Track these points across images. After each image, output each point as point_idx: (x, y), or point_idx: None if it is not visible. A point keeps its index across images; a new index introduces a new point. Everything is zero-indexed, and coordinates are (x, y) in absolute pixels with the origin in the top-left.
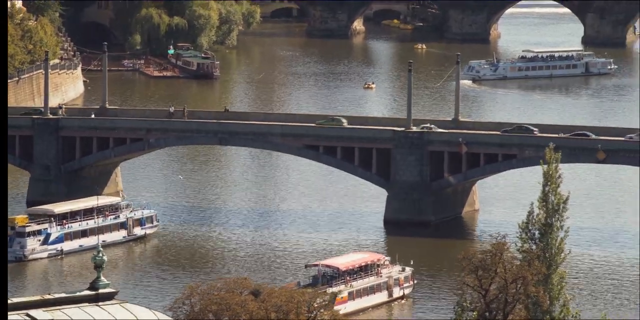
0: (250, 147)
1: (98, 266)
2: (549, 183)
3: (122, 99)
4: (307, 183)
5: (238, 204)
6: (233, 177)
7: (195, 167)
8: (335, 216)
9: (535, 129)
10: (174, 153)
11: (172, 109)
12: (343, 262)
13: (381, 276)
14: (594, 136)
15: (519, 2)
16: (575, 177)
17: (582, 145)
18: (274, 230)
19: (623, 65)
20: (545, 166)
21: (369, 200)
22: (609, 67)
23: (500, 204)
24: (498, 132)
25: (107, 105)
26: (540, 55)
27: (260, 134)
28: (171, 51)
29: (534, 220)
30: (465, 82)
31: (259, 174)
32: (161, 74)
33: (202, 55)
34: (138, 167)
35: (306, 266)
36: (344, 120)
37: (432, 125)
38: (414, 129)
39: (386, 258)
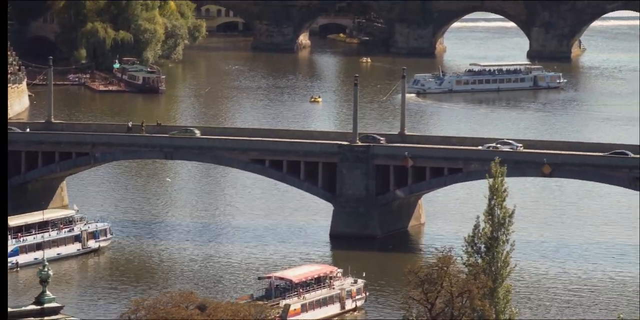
0: (196, 162)
1: (43, 281)
2: (494, 197)
3: (67, 114)
4: (253, 197)
5: (185, 218)
6: (180, 191)
7: (141, 181)
8: (282, 230)
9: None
10: (120, 167)
11: (130, 124)
12: (296, 274)
13: (334, 288)
14: (631, 155)
15: (465, 17)
16: (521, 190)
17: (527, 159)
18: (221, 244)
19: (570, 79)
20: (491, 180)
21: (315, 214)
22: (558, 81)
23: (446, 217)
24: (444, 146)
25: (52, 120)
26: (487, 68)
27: (206, 148)
28: (117, 65)
29: (479, 234)
30: (410, 96)
31: (206, 188)
32: (107, 89)
33: (148, 69)
34: (84, 182)
35: (259, 278)
36: (197, 132)
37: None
38: (359, 142)
39: (338, 270)
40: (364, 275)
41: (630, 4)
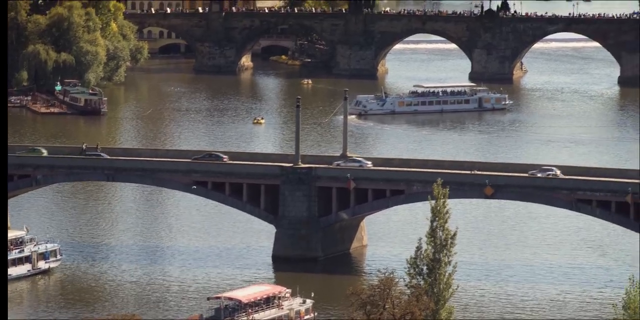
0: (139, 184)
1: None
2: (437, 218)
3: (9, 136)
4: (196, 219)
5: (128, 240)
6: (124, 213)
7: (84, 203)
8: (225, 252)
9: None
10: (63, 189)
11: (84, 146)
12: (245, 294)
13: (282, 308)
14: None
15: (407, 38)
16: (464, 212)
17: (469, 181)
18: (164, 266)
19: (512, 100)
20: (433, 202)
21: (257, 236)
22: (504, 102)
23: (388, 239)
24: (386, 168)
25: None
26: (431, 90)
27: (148, 170)
28: (58, 87)
29: (422, 256)
30: (352, 117)
31: (150, 210)
32: (48, 111)
33: (90, 91)
34: (26, 204)
35: (208, 299)
36: (44, 151)
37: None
38: (302, 164)
39: (287, 290)
40: (312, 295)
41: (571, 26)
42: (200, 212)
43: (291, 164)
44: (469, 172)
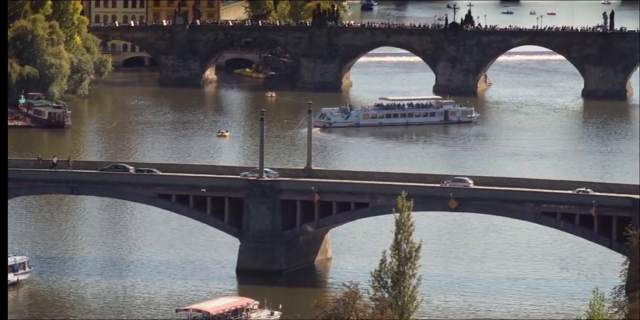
0: (103, 197)
1: None
2: (401, 231)
3: None
4: (160, 232)
5: (95, 252)
6: (88, 225)
7: (50, 216)
8: (189, 265)
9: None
10: (28, 202)
11: (55, 160)
12: (213, 306)
13: None
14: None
15: (371, 51)
16: (428, 225)
17: (434, 194)
18: (130, 278)
19: (478, 113)
20: (398, 215)
21: (221, 249)
22: (470, 115)
23: (353, 252)
24: (351, 181)
25: None
26: (397, 103)
27: (112, 184)
28: (22, 100)
29: (386, 269)
30: (316, 130)
31: (115, 223)
32: (12, 124)
33: (54, 104)
34: None
35: (177, 311)
36: None
37: None
38: (265, 177)
39: (255, 302)
40: (280, 307)
41: (535, 39)
42: (164, 225)
43: (256, 177)
44: (432, 185)
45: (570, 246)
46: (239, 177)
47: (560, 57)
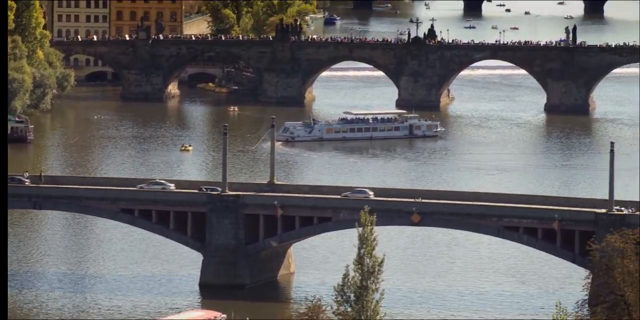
0: (66, 211)
1: None
2: (364, 246)
3: None
4: (123, 247)
5: (56, 267)
6: (50, 240)
7: (11, 230)
8: (151, 280)
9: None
10: None
11: (26, 175)
12: (182, 319)
13: None
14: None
15: (334, 66)
16: (391, 239)
17: (397, 208)
18: (92, 293)
19: (444, 127)
20: (361, 229)
21: (184, 263)
22: (436, 129)
23: (316, 266)
24: (313, 195)
25: None
26: (361, 117)
27: (75, 198)
28: None
29: (349, 283)
30: (278, 144)
31: (76, 238)
32: None
33: (16, 119)
34: None
35: None
36: None
37: None
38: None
39: (222, 315)
40: (247, 319)
41: (498, 53)
42: (127, 239)
43: (218, 192)
44: (396, 199)
45: (533, 260)
46: (202, 191)
47: (522, 71)
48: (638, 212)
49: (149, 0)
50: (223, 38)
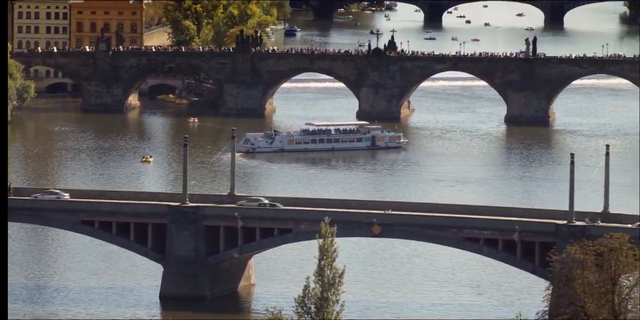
0: (25, 223)
1: None
2: (324, 257)
3: None
4: (83, 258)
5: (16, 279)
6: (9, 252)
7: None
8: (112, 292)
9: None
10: None
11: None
12: None
13: None
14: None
15: (295, 77)
16: (352, 250)
17: (357, 219)
18: (52, 305)
19: (407, 139)
20: (321, 240)
21: (145, 275)
22: (399, 140)
23: (276, 278)
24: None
25: None
26: (323, 128)
27: (35, 210)
28: None
29: (309, 295)
30: (238, 155)
31: (36, 249)
32: None
33: None
34: None
35: None
36: None
37: None
38: (189, 204)
39: None
40: None
41: (458, 64)
42: (87, 251)
43: (179, 203)
44: (356, 210)
45: (493, 272)
46: (162, 203)
47: (483, 83)
48: (597, 223)
49: (110, 11)
50: (183, 49)
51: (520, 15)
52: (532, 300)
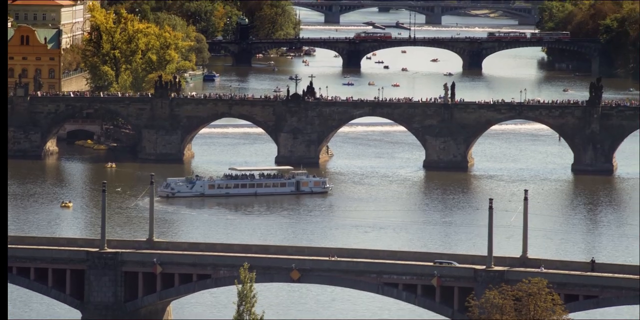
0: None
1: None
2: (243, 302)
3: None
4: None
5: None
6: None
7: None
8: None
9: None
10: None
11: None
12: None
13: None
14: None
15: (214, 122)
16: (271, 296)
17: (276, 265)
18: None
19: (332, 184)
20: (240, 286)
21: None
22: (324, 186)
23: None
24: (192, 252)
25: None
26: (247, 173)
27: None
28: None
29: None
30: (157, 200)
31: None
32: None
33: None
34: None
35: None
36: None
37: None
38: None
39: None
40: None
41: (377, 110)
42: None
43: (97, 249)
44: (275, 256)
45: (412, 317)
46: (81, 249)
47: (402, 128)
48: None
49: (27, 57)
50: (102, 95)
51: (434, 60)
52: None
